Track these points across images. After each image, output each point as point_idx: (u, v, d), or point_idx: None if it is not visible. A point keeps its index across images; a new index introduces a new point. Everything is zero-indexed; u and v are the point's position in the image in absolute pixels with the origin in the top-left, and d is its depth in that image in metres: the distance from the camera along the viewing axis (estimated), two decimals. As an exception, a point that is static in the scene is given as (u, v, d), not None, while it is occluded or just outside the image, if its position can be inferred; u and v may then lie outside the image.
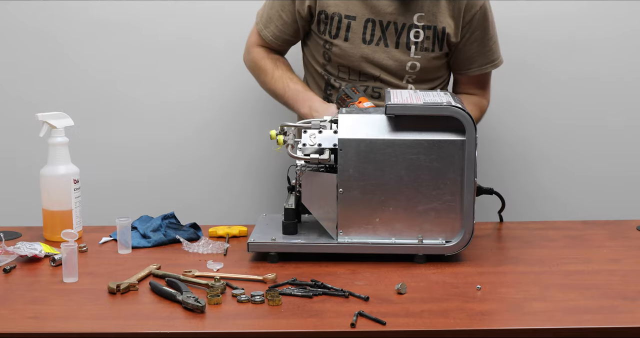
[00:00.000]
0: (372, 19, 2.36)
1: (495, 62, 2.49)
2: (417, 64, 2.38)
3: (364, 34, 2.37)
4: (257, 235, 2.06)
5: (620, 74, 2.89)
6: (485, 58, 2.46)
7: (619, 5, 2.84)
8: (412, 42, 2.36)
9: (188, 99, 2.89)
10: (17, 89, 2.86)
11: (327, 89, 2.47)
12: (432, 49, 2.38)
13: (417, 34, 2.36)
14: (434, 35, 2.37)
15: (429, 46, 2.38)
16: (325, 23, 2.38)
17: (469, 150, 1.95)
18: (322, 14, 2.37)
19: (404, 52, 2.38)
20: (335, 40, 2.38)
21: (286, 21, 2.43)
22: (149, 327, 1.68)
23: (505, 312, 1.74)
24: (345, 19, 2.36)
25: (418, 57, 2.38)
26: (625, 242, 2.17)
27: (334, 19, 2.37)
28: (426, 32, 2.36)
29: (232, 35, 2.84)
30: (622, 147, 2.93)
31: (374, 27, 2.36)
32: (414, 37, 2.36)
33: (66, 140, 2.19)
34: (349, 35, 2.37)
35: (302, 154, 2.01)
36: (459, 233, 1.99)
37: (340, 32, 2.37)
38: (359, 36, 2.37)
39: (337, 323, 1.66)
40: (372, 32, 2.36)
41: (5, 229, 2.23)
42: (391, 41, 2.37)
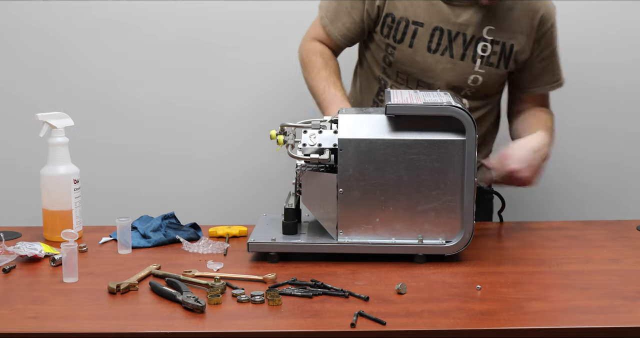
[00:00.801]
0: (441, 28, 2.31)
1: (559, 81, 2.46)
2: (480, 78, 2.35)
3: (430, 42, 2.32)
4: (257, 235, 2.06)
5: (621, 74, 2.89)
6: (552, 77, 2.44)
7: (618, 6, 2.84)
8: (478, 55, 2.33)
9: (188, 99, 2.89)
10: (17, 89, 2.87)
11: (379, 94, 2.44)
12: (497, 65, 2.35)
13: (484, 47, 2.32)
14: (501, 52, 2.34)
15: (494, 61, 2.35)
16: (390, 27, 2.33)
17: (469, 150, 1.95)
18: (389, 17, 2.33)
19: (468, 65, 2.34)
20: (399, 45, 2.34)
21: (355, 20, 2.39)
22: (149, 327, 1.68)
23: (505, 312, 1.74)
24: (413, 25, 2.32)
25: (482, 72, 2.35)
26: (625, 242, 2.17)
27: (401, 23, 2.32)
28: (494, 47, 2.33)
29: (233, 35, 2.84)
30: (622, 147, 2.93)
31: (441, 36, 2.32)
32: (481, 50, 2.32)
33: (66, 140, 2.19)
34: (414, 41, 2.32)
35: (302, 154, 2.00)
36: (459, 234, 1.99)
37: (405, 37, 2.33)
38: (424, 44, 2.33)
39: (337, 323, 1.66)
40: (439, 41, 2.32)
41: (5, 229, 2.23)
42: (457, 52, 2.33)
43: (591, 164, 2.94)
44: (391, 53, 2.36)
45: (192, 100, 2.89)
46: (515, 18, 2.32)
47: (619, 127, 2.92)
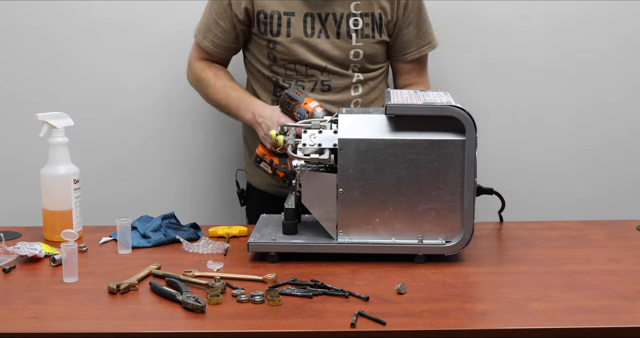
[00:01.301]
0: (311, 13, 2.38)
1: (432, 43, 2.51)
2: (360, 52, 2.41)
3: (305, 28, 2.38)
4: (257, 235, 2.06)
5: (621, 74, 2.89)
6: (422, 40, 2.49)
7: (618, 6, 2.84)
8: (352, 30, 2.39)
9: (189, 98, 2.89)
10: (17, 89, 2.86)
11: (276, 91, 2.46)
12: (372, 35, 2.41)
13: (356, 22, 2.38)
14: (372, 22, 2.40)
15: (369, 33, 2.40)
16: (265, 23, 2.39)
17: (469, 150, 1.95)
18: (261, 14, 2.39)
19: (345, 41, 2.39)
20: (278, 38, 2.39)
21: (224, 28, 2.44)
22: (149, 327, 1.68)
23: (505, 312, 1.74)
24: (285, 16, 2.38)
25: (360, 44, 2.40)
26: (625, 242, 2.17)
27: (274, 17, 2.38)
28: (364, 19, 2.39)
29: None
30: (622, 147, 2.93)
31: (314, 21, 2.38)
32: (353, 25, 2.38)
33: (66, 140, 2.19)
34: (291, 30, 2.38)
35: (302, 154, 2.01)
36: (459, 234, 1.99)
37: (281, 28, 2.38)
38: (300, 30, 2.38)
39: (337, 323, 1.66)
40: (312, 25, 2.38)
41: (5, 229, 2.23)
42: (332, 32, 2.39)
43: (591, 164, 2.93)
44: (273, 47, 2.41)
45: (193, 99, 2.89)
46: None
47: (619, 126, 2.91)
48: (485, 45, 2.85)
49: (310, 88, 2.42)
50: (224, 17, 2.44)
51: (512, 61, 2.86)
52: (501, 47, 2.85)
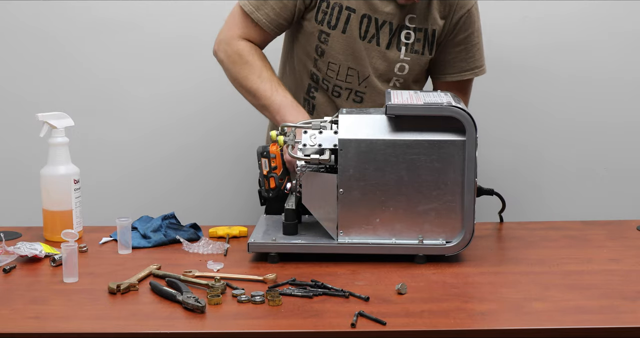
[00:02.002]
0: (369, 16, 2.32)
1: (477, 70, 2.43)
2: (406, 66, 2.36)
3: (360, 29, 2.33)
4: (257, 236, 2.06)
5: (620, 74, 2.89)
6: (467, 64, 2.41)
7: (618, 6, 2.84)
8: (402, 43, 2.34)
9: (189, 99, 2.89)
10: (17, 88, 2.87)
11: (310, 91, 2.41)
12: (422, 51, 2.36)
13: (408, 35, 2.33)
14: (424, 38, 2.35)
15: (419, 49, 2.36)
16: (325, 12, 2.31)
17: (469, 150, 1.95)
18: (324, 2, 2.30)
19: (394, 53, 2.35)
20: (333, 32, 2.32)
21: (284, 2, 2.30)
22: (149, 327, 1.68)
23: (505, 312, 1.74)
24: (346, 11, 2.31)
25: (407, 59, 2.35)
26: (625, 242, 2.17)
27: (335, 9, 2.31)
28: (417, 34, 2.34)
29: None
30: (622, 147, 2.93)
31: (369, 24, 2.32)
32: (404, 38, 2.33)
33: (66, 140, 2.19)
34: (347, 27, 2.32)
35: (302, 154, 2.01)
36: (459, 234, 1.99)
37: (339, 23, 2.32)
38: (356, 30, 2.32)
39: (337, 323, 1.66)
40: (367, 28, 2.32)
41: (5, 229, 2.23)
42: (384, 40, 2.34)
43: (591, 164, 2.94)
44: (324, 40, 2.33)
45: (193, 99, 2.89)
46: (435, 3, 2.33)
47: (619, 126, 2.92)
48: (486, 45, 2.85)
49: (345, 96, 2.38)
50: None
51: (513, 61, 2.86)
52: (501, 47, 2.85)
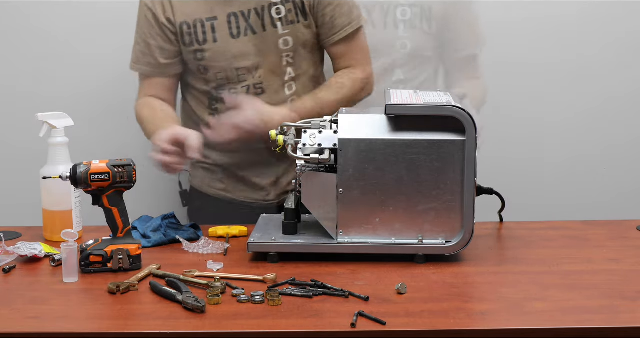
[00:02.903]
0: (234, 13, 2.35)
1: (358, 19, 2.43)
2: (289, 39, 2.38)
3: (230, 29, 2.35)
4: (257, 235, 2.06)
5: (621, 74, 2.89)
6: (348, 18, 2.41)
7: (618, 6, 2.84)
8: (276, 19, 2.36)
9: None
10: (17, 88, 2.86)
11: (211, 104, 2.43)
12: (297, 20, 2.38)
13: (278, 10, 2.35)
14: (294, 7, 2.37)
15: (293, 18, 2.37)
16: (188, 33, 2.36)
17: (469, 150, 1.95)
18: (185, 25, 2.36)
19: (272, 33, 2.36)
20: (205, 46, 2.36)
21: (155, 44, 2.39)
22: (149, 327, 1.68)
23: (505, 312, 1.74)
24: (208, 22, 2.35)
25: (287, 32, 2.37)
26: (625, 242, 2.17)
27: (197, 26, 2.35)
28: (286, 6, 2.36)
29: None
30: (622, 147, 2.93)
31: (237, 20, 2.35)
32: (276, 13, 2.35)
33: (66, 140, 2.19)
34: (216, 35, 2.35)
35: (302, 154, 2.01)
36: (459, 234, 1.99)
37: (207, 35, 2.35)
38: (226, 33, 2.35)
39: (337, 323, 1.66)
40: (237, 24, 2.35)
41: (5, 229, 2.23)
42: (257, 26, 2.36)
43: (591, 164, 2.94)
44: (202, 58, 2.37)
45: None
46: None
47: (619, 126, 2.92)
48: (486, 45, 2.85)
49: (244, 93, 2.39)
50: (153, 33, 2.39)
51: (513, 61, 2.86)
52: (502, 47, 2.85)
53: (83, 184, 1.95)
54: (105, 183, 1.96)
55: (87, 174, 1.94)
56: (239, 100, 2.29)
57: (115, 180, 1.96)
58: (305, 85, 2.44)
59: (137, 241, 1.99)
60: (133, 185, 1.99)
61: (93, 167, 1.95)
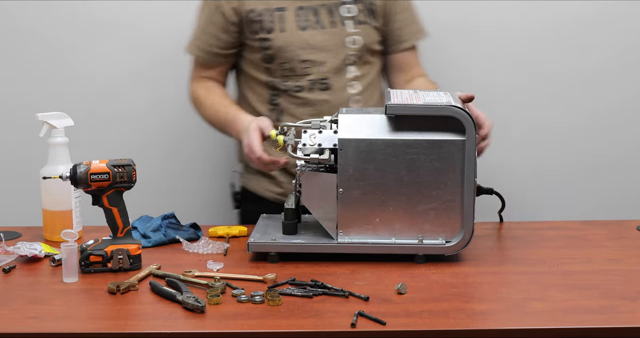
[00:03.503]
0: (303, 6, 2.37)
1: (424, 30, 2.50)
2: (357, 39, 2.39)
3: (298, 21, 2.37)
4: (257, 235, 2.06)
5: (621, 74, 2.89)
6: (416, 26, 2.47)
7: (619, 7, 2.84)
8: (346, 18, 2.38)
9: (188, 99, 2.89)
10: (17, 89, 2.86)
11: (271, 99, 2.44)
12: (367, 21, 2.40)
13: (350, 9, 2.38)
14: (365, 8, 2.39)
15: (364, 19, 2.39)
16: (256, 21, 2.37)
17: (469, 150, 1.95)
18: (252, 13, 2.37)
19: (340, 30, 2.38)
20: (271, 35, 2.36)
21: (215, 33, 2.41)
22: (149, 327, 1.68)
23: (505, 312, 1.74)
24: (276, 12, 2.36)
25: (357, 31, 2.39)
26: (625, 242, 2.17)
27: (265, 14, 2.36)
28: (358, 6, 2.38)
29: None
30: (622, 147, 2.93)
31: (307, 13, 2.37)
32: (347, 12, 2.37)
33: (66, 140, 2.19)
34: (284, 25, 2.37)
35: (302, 154, 2.01)
36: (459, 234, 1.99)
37: (274, 25, 2.36)
38: (293, 24, 2.37)
39: (337, 323, 1.66)
40: (306, 17, 2.37)
41: (5, 229, 2.23)
42: (326, 22, 2.38)
43: (591, 164, 2.94)
44: (268, 47, 2.38)
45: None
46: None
47: (619, 126, 2.92)
48: (486, 46, 2.86)
49: (308, 87, 2.41)
50: (214, 21, 2.41)
51: (513, 61, 2.86)
52: (502, 47, 2.85)
53: (83, 184, 1.95)
54: (105, 183, 1.96)
55: (87, 174, 1.94)
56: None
57: (115, 180, 1.96)
58: (369, 87, 2.45)
59: (137, 241, 1.99)
60: (133, 185, 1.99)
61: (93, 167, 1.95)
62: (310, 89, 2.40)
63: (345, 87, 2.42)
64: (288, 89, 2.40)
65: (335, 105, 2.39)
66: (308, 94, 2.40)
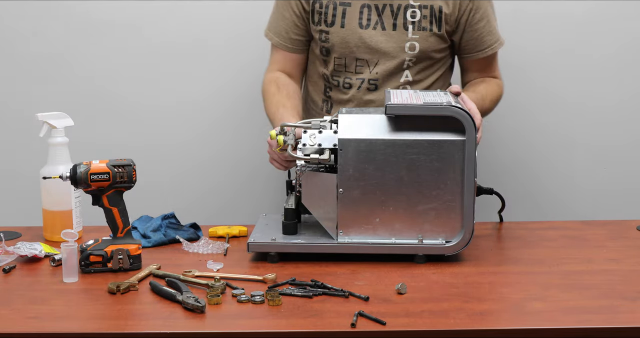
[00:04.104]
0: (368, 4, 2.35)
1: (500, 39, 2.47)
2: (416, 44, 2.37)
3: (360, 19, 2.36)
4: (257, 235, 2.06)
5: (621, 74, 2.89)
6: (493, 36, 2.44)
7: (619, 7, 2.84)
8: (409, 22, 2.36)
9: (188, 99, 2.89)
10: (17, 89, 2.86)
11: (326, 90, 2.46)
12: (429, 28, 2.37)
13: (413, 13, 2.36)
14: (430, 15, 2.36)
15: (426, 25, 2.37)
16: (320, 12, 2.37)
17: (469, 150, 1.95)
18: (317, 3, 2.38)
19: (402, 33, 2.36)
20: (331, 28, 2.37)
21: (290, 19, 2.42)
22: (149, 327, 1.68)
23: (505, 312, 1.74)
24: (340, 6, 2.36)
25: (416, 37, 2.37)
26: (625, 242, 2.17)
27: (329, 7, 2.36)
28: (423, 12, 2.36)
29: (234, 36, 2.84)
30: (622, 147, 2.93)
31: (370, 12, 2.35)
32: (410, 16, 2.35)
33: (66, 140, 2.19)
34: (345, 21, 2.36)
35: (302, 154, 2.01)
36: (459, 234, 1.99)
37: (335, 19, 2.36)
38: (355, 22, 2.36)
39: (337, 323, 1.66)
40: (369, 16, 2.35)
41: (5, 229, 2.23)
42: (388, 24, 2.36)
43: (591, 164, 2.94)
44: (326, 39, 2.39)
45: (192, 100, 2.89)
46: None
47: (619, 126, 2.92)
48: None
49: (357, 86, 2.40)
50: (288, 8, 2.41)
51: (513, 61, 2.86)
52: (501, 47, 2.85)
53: (83, 184, 1.95)
54: (105, 183, 1.96)
55: (87, 174, 1.94)
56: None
57: (115, 180, 1.96)
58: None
59: (137, 241, 1.99)
60: (133, 185, 1.99)
61: (93, 167, 1.95)
62: (359, 88, 2.40)
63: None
64: (338, 84, 2.42)
65: (380, 106, 2.37)
66: (356, 91, 2.40)
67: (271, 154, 2.21)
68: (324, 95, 2.47)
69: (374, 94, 2.40)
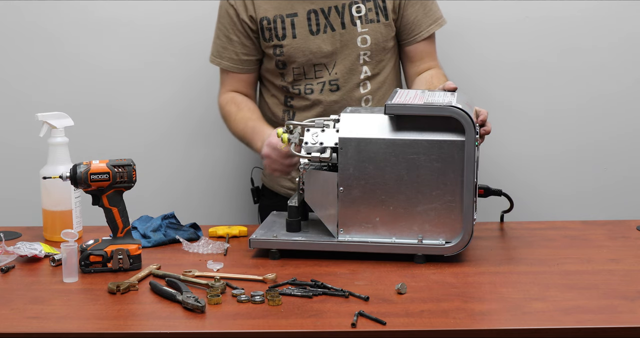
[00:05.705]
0: (314, 10, 2.38)
1: (439, 20, 2.48)
2: (367, 37, 2.39)
3: (310, 26, 2.38)
4: (260, 232, 2.07)
5: (621, 75, 2.89)
6: (430, 18, 2.46)
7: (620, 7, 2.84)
8: (356, 17, 2.38)
9: (188, 99, 2.89)
10: (17, 89, 2.86)
11: (286, 101, 2.47)
12: (377, 19, 2.40)
13: (358, 9, 2.38)
14: (375, 7, 2.39)
15: (373, 18, 2.40)
16: (269, 29, 2.39)
17: (469, 150, 1.95)
18: (264, 20, 2.39)
19: (351, 30, 2.39)
20: (284, 42, 2.39)
21: (237, 41, 2.43)
22: (149, 327, 1.68)
23: (505, 312, 1.74)
24: (288, 18, 2.38)
25: (366, 30, 2.39)
26: (625, 242, 2.17)
27: (277, 21, 2.38)
28: (367, 5, 2.39)
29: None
30: (622, 147, 2.93)
31: (317, 17, 2.38)
32: (356, 12, 2.38)
33: (66, 140, 2.19)
34: (296, 32, 2.38)
35: (304, 152, 2.01)
36: (459, 234, 1.99)
37: (286, 31, 2.38)
38: (305, 30, 2.38)
39: (337, 323, 1.66)
40: (317, 21, 2.38)
41: (5, 229, 2.23)
42: (336, 24, 2.38)
43: (591, 164, 2.93)
44: (280, 53, 2.40)
45: (192, 100, 2.89)
46: None
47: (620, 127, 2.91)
48: (486, 45, 2.85)
49: (319, 89, 2.42)
50: (234, 31, 2.43)
51: (513, 61, 2.86)
52: (502, 46, 2.85)
53: (83, 184, 1.95)
54: (105, 184, 1.96)
55: (87, 174, 1.94)
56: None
57: (115, 180, 1.96)
58: (382, 85, 2.46)
59: (137, 241, 1.99)
60: (133, 185, 1.99)
61: (93, 167, 1.95)
62: (321, 91, 2.42)
63: (357, 87, 2.43)
64: (299, 92, 2.42)
65: (344, 105, 2.41)
66: (319, 95, 2.42)
67: (270, 164, 2.17)
68: (284, 105, 2.48)
69: (336, 94, 2.42)
